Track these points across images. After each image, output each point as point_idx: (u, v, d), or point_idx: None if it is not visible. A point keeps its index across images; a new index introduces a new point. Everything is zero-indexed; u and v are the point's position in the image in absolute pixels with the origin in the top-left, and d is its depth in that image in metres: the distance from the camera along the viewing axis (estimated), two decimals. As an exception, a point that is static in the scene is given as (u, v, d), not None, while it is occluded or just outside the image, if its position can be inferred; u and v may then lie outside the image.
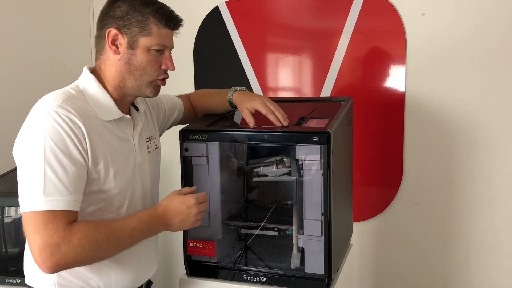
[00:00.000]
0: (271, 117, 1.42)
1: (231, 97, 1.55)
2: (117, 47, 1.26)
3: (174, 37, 1.33)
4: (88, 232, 1.13)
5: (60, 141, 1.13)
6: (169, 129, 1.65)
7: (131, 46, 1.25)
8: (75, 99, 1.21)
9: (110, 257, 1.21)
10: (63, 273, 1.22)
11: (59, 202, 1.11)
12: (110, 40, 1.25)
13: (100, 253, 1.16)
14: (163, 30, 1.26)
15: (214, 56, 2.44)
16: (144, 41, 1.24)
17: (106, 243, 1.15)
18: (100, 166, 1.21)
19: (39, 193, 1.10)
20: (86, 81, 1.28)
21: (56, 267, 1.11)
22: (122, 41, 1.25)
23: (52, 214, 1.10)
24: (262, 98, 1.48)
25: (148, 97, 1.33)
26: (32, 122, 1.16)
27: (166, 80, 1.34)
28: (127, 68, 1.26)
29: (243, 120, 1.51)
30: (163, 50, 1.28)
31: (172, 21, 1.28)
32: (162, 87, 1.35)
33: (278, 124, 1.41)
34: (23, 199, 1.12)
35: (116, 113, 1.28)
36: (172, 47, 1.32)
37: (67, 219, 1.12)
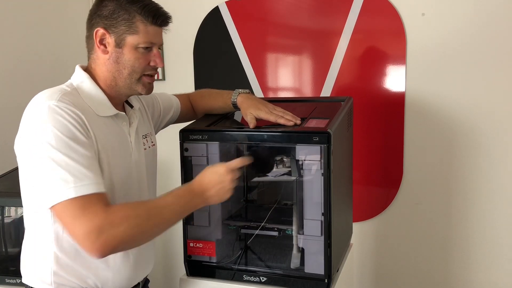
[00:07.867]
0: (281, 121, 1.42)
1: (235, 100, 1.54)
2: (105, 47, 1.26)
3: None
4: (128, 211, 1.14)
5: (67, 131, 1.13)
6: (168, 129, 1.65)
7: (119, 45, 1.25)
8: (71, 95, 1.21)
9: (157, 235, 1.20)
10: (60, 271, 1.22)
11: (89, 186, 1.11)
12: (98, 40, 1.26)
13: (144, 230, 1.15)
14: (150, 27, 1.25)
15: (214, 56, 2.44)
16: (131, 40, 1.24)
17: (148, 219, 1.15)
18: (100, 160, 1.21)
19: (67, 182, 1.09)
20: (80, 79, 1.28)
21: (105, 250, 1.10)
22: (110, 40, 1.25)
23: (87, 199, 1.10)
24: (267, 106, 1.48)
25: (141, 94, 1.32)
26: (34, 118, 1.15)
27: (156, 78, 1.33)
28: (116, 67, 1.27)
29: (243, 119, 1.51)
30: (151, 47, 1.27)
31: (159, 18, 1.26)
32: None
33: (291, 124, 1.41)
34: (49, 192, 1.10)
35: (111, 109, 1.29)
36: (161, 44, 1.31)
37: (103, 201, 1.12)
